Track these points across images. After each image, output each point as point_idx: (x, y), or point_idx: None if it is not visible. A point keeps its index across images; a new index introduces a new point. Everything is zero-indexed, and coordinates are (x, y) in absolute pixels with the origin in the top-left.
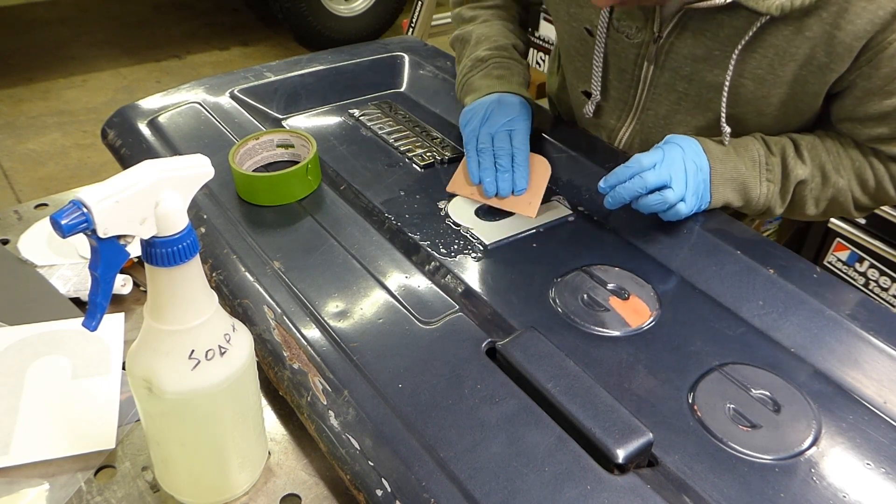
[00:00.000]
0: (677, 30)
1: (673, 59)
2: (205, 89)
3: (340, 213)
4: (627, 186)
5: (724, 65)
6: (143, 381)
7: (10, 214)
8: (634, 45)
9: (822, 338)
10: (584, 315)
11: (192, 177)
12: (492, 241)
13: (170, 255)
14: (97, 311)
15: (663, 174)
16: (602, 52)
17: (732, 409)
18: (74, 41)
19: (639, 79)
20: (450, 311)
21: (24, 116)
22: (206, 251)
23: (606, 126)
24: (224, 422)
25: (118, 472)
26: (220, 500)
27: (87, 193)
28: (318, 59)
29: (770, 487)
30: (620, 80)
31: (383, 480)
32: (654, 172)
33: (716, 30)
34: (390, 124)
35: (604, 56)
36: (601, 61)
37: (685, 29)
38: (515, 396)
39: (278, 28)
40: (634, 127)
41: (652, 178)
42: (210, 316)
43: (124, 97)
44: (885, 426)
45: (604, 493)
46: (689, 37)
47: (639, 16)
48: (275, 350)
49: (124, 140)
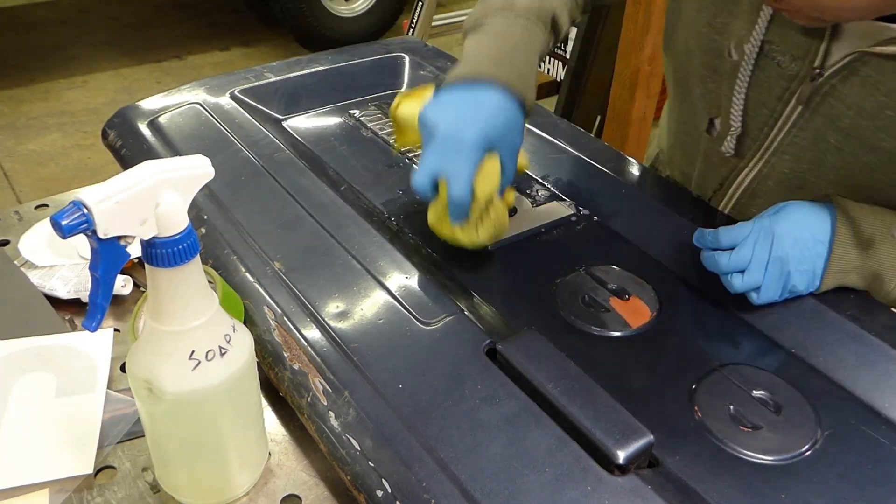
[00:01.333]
0: (844, 72)
1: (831, 104)
2: (205, 90)
3: (340, 213)
4: (703, 256)
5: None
6: (144, 381)
7: (11, 215)
8: (785, 77)
9: (823, 338)
10: (585, 315)
11: (193, 177)
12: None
13: (170, 256)
14: (97, 311)
15: (740, 259)
16: (748, 76)
17: (733, 410)
18: (75, 42)
19: (779, 117)
20: (450, 312)
21: (25, 117)
22: (206, 252)
23: (728, 164)
24: (224, 422)
25: (118, 473)
26: (220, 500)
27: (88, 194)
28: (319, 59)
29: (771, 488)
30: (755, 115)
31: (384, 481)
32: (726, 257)
33: (894, 85)
34: (391, 125)
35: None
36: (744, 89)
37: (854, 74)
38: (516, 397)
39: (279, 28)
40: (762, 170)
41: (724, 261)
42: (210, 316)
43: (125, 98)
44: (885, 427)
45: (604, 494)
46: (858, 84)
47: (800, 43)
48: (275, 351)
49: (125, 141)
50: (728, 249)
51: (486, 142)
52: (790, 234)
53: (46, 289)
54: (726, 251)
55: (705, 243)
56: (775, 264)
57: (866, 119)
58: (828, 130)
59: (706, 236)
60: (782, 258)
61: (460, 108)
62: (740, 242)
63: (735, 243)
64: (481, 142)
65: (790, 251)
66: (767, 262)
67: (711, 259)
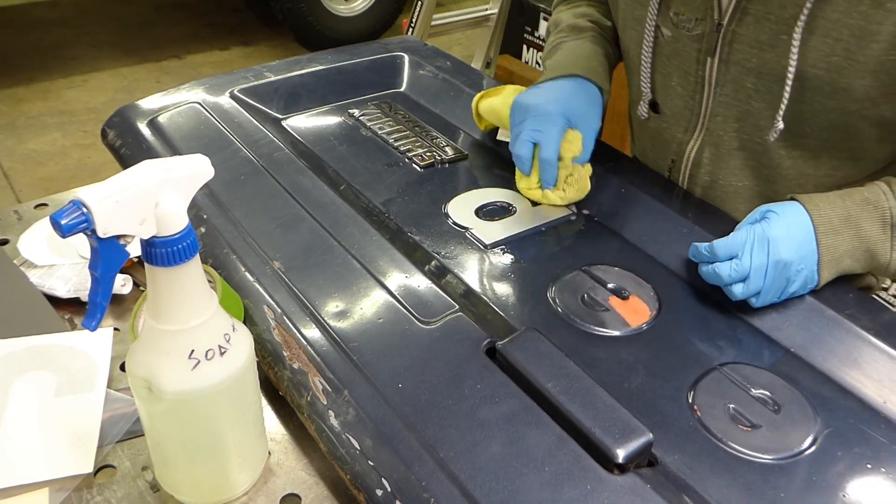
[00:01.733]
0: (738, 14)
1: (737, 49)
2: (205, 89)
3: (340, 212)
4: (703, 271)
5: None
6: (143, 380)
7: (10, 214)
8: (695, 37)
9: (821, 338)
10: (584, 315)
11: (192, 177)
12: (492, 241)
13: (170, 255)
14: (97, 310)
15: (741, 269)
16: (650, 47)
17: (732, 409)
18: (75, 41)
19: (703, 79)
20: (450, 311)
21: (25, 116)
22: (205, 251)
23: (674, 140)
24: (224, 422)
25: (118, 472)
26: (220, 499)
27: (87, 193)
28: (318, 59)
29: (770, 487)
30: (685, 85)
31: (383, 480)
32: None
33: (779, 11)
34: (390, 124)
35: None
36: (650, 57)
37: (746, 13)
38: (515, 396)
39: (278, 28)
40: (703, 138)
41: (725, 273)
42: (210, 316)
43: (124, 97)
44: (884, 426)
45: (604, 493)
46: (752, 21)
47: (698, 4)
48: (275, 350)
49: (124, 140)
50: (725, 260)
51: (567, 116)
52: (785, 236)
53: (46, 288)
54: (726, 262)
55: (702, 258)
56: (774, 269)
57: (768, 51)
58: (742, 75)
59: (702, 251)
60: (781, 262)
61: (548, 93)
62: (738, 252)
63: (731, 253)
64: (564, 116)
65: (787, 254)
66: (767, 267)
67: (712, 272)
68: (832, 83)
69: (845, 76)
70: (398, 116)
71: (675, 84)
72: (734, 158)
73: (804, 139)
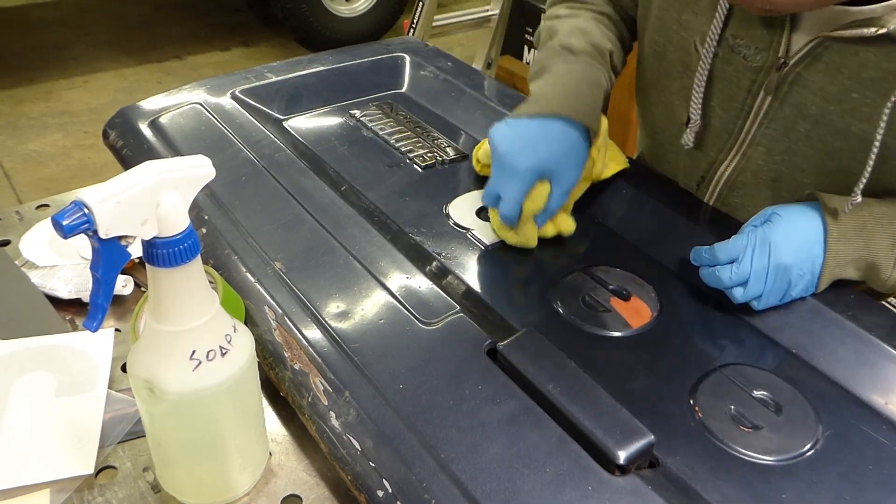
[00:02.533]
0: (808, 59)
1: (798, 93)
2: (206, 90)
3: (341, 213)
4: (703, 274)
5: (864, 114)
6: (144, 381)
7: (12, 215)
8: (751, 69)
9: (822, 338)
10: (585, 316)
11: (194, 177)
12: (492, 242)
13: (171, 256)
14: (98, 311)
15: (742, 272)
16: (706, 71)
17: (733, 410)
18: (76, 42)
19: (750, 109)
20: (450, 312)
21: (26, 117)
22: (207, 252)
23: (706, 158)
24: (225, 422)
25: (119, 473)
26: (221, 500)
27: (89, 194)
28: (319, 59)
29: (771, 489)
30: (727, 109)
31: (384, 481)
32: (728, 272)
33: (857, 68)
34: (391, 125)
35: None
36: (703, 81)
37: (818, 60)
38: (516, 397)
39: (279, 29)
40: (739, 162)
41: (726, 277)
42: (211, 316)
43: (125, 98)
44: (886, 427)
45: (605, 494)
46: (822, 70)
47: (762, 35)
48: (276, 351)
49: (125, 141)
50: (727, 264)
51: (538, 170)
52: (786, 241)
53: (47, 289)
54: (726, 266)
55: (703, 261)
56: (775, 273)
57: (832, 104)
58: (797, 119)
59: (703, 254)
60: (781, 266)
61: (522, 139)
62: (738, 256)
63: (732, 257)
64: (533, 171)
65: (788, 258)
66: (767, 271)
67: (713, 276)
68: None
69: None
70: (399, 117)
71: (716, 105)
72: (768, 189)
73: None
